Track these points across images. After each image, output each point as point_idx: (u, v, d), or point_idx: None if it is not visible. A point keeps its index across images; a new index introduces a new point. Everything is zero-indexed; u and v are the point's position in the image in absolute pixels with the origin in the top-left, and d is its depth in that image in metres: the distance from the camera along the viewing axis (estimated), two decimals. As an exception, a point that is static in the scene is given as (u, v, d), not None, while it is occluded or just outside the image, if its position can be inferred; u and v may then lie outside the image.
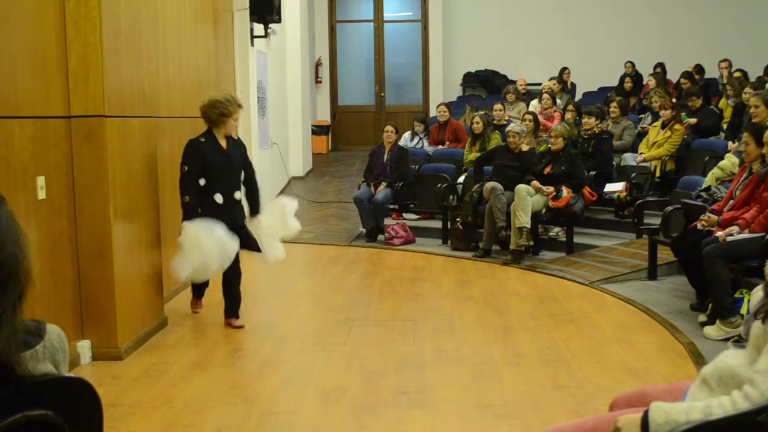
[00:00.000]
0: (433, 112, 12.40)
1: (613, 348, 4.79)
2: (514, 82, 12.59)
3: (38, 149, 4.12)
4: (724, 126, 9.00)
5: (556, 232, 7.99)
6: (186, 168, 5.13)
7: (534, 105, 11.01)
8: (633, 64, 12.74)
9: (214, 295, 6.27)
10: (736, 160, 6.37)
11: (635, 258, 7.00)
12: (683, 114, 9.16)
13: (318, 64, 15.48)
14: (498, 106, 10.08)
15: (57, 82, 4.32)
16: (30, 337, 1.72)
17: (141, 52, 5.00)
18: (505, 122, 9.70)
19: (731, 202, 5.36)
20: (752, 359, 1.97)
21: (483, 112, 9.67)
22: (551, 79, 12.06)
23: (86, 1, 4.38)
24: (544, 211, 7.45)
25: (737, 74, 10.34)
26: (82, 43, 4.40)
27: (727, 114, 9.18)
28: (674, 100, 9.68)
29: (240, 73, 8.05)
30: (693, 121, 9.00)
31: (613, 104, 9.39)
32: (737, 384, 1.94)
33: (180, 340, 5.05)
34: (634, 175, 8.10)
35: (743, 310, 4.90)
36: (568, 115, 9.50)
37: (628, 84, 11.92)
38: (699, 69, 11.95)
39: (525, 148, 7.98)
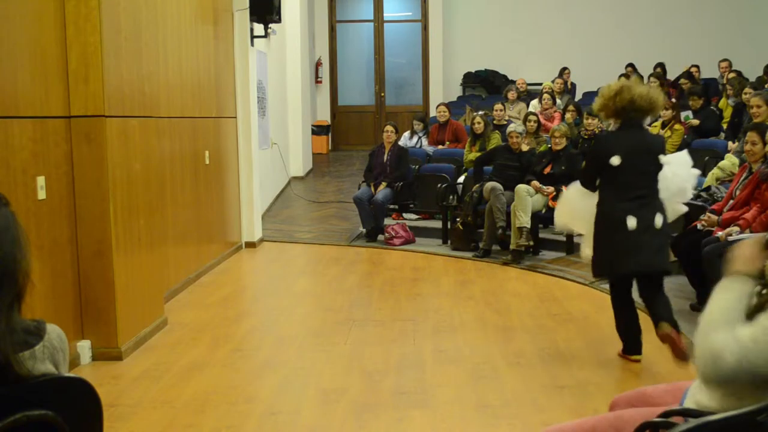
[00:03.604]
0: (433, 112, 12.39)
1: (613, 348, 4.78)
2: (514, 82, 12.58)
3: (38, 149, 4.12)
4: (724, 126, 9.00)
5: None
6: None
7: (534, 105, 11.00)
8: (634, 67, 12.72)
9: (214, 295, 6.28)
10: (736, 160, 6.37)
11: (635, 258, 6.99)
12: (686, 115, 9.15)
13: (318, 64, 15.48)
14: (498, 106, 10.09)
15: (57, 82, 4.32)
16: (30, 336, 1.72)
17: (141, 52, 4.99)
18: (506, 122, 9.70)
19: (731, 202, 5.37)
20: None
21: (483, 112, 9.67)
22: (555, 80, 12.01)
23: (86, 1, 4.38)
24: (544, 211, 7.45)
25: (732, 75, 10.34)
26: (82, 43, 4.40)
27: (727, 114, 9.18)
28: (673, 99, 9.68)
29: (240, 73, 8.05)
30: (695, 122, 8.99)
31: None
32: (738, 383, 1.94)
33: (180, 340, 5.05)
34: (634, 175, 8.08)
35: (743, 310, 4.88)
36: (568, 115, 9.50)
37: (625, 84, 11.87)
38: (689, 75, 11.86)
39: (525, 148, 7.99)
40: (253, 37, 8.24)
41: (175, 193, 6.26)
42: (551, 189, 7.40)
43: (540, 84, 12.30)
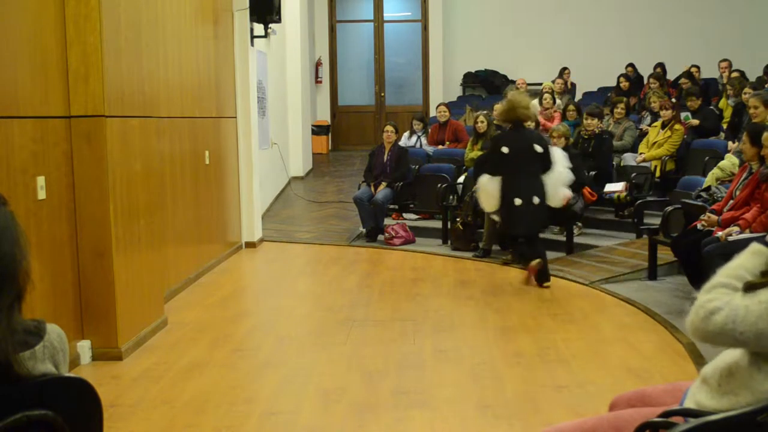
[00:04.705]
0: (433, 112, 12.39)
1: (613, 348, 4.78)
2: (514, 82, 12.57)
3: (38, 149, 4.12)
4: (724, 126, 8.99)
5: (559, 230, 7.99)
6: None
7: (534, 105, 10.97)
8: (634, 67, 12.69)
9: (214, 295, 6.28)
10: (736, 160, 6.37)
11: (635, 258, 7.00)
12: (686, 115, 9.14)
13: (318, 64, 15.48)
14: (498, 106, 10.06)
15: (57, 82, 4.32)
16: (30, 336, 1.72)
17: (141, 52, 4.99)
18: (505, 122, 9.68)
19: (731, 202, 5.37)
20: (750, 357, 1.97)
21: (485, 112, 9.67)
22: (555, 80, 12.00)
23: (86, 1, 4.38)
24: (543, 211, 7.45)
25: (735, 74, 10.33)
26: (82, 43, 4.39)
27: (727, 114, 9.18)
28: (674, 99, 9.67)
29: (240, 73, 8.04)
30: (695, 122, 8.99)
31: (621, 105, 9.37)
32: (737, 381, 1.94)
33: (180, 340, 5.05)
34: (634, 175, 8.10)
35: (743, 310, 4.88)
36: (569, 115, 9.48)
37: (624, 84, 11.87)
38: (689, 75, 11.80)
39: (525, 148, 7.98)
40: (253, 37, 8.23)
41: (175, 193, 6.26)
42: (551, 189, 7.40)
43: (540, 84, 12.29)
